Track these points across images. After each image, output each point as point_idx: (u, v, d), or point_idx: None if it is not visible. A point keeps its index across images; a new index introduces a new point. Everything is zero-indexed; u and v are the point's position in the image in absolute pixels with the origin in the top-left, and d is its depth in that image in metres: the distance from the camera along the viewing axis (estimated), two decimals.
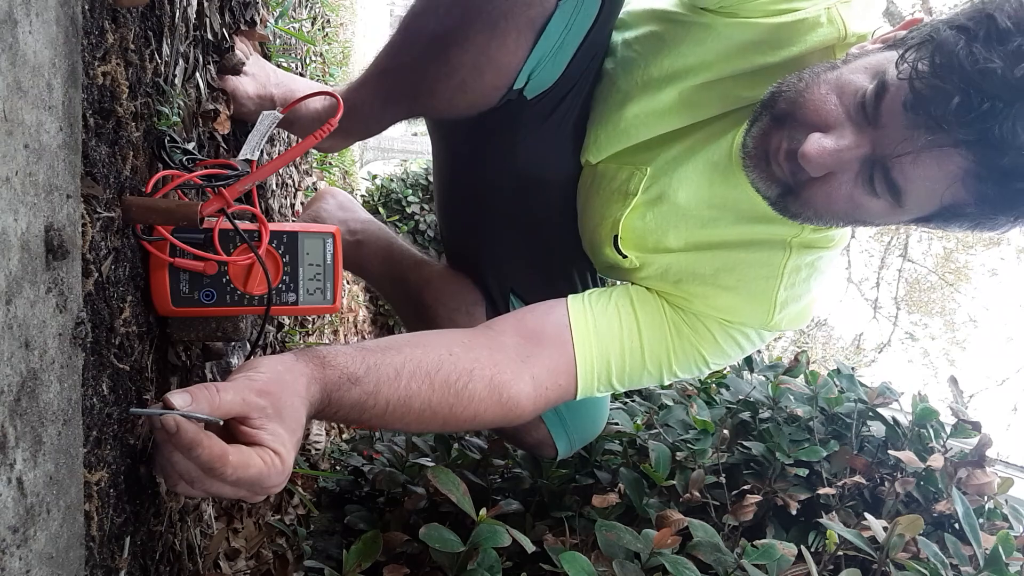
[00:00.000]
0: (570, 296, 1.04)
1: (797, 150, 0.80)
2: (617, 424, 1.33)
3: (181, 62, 0.88)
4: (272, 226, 0.81)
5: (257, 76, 1.12)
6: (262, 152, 0.85)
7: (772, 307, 1.01)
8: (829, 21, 0.88)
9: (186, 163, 0.80)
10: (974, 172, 0.73)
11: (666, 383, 1.09)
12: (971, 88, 0.70)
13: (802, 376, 1.46)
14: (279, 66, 1.33)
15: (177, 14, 0.85)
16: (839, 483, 1.11)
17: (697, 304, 1.03)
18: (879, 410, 1.27)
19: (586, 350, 0.99)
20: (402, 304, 1.34)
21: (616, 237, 1.05)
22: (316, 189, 1.82)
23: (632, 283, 1.11)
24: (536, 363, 0.95)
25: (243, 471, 0.62)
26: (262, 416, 0.66)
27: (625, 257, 1.05)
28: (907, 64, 0.74)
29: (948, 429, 1.23)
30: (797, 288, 1.02)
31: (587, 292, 1.07)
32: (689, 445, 1.20)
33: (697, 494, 1.08)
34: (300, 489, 1.26)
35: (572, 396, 1.00)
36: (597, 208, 1.10)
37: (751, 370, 1.62)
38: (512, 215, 1.16)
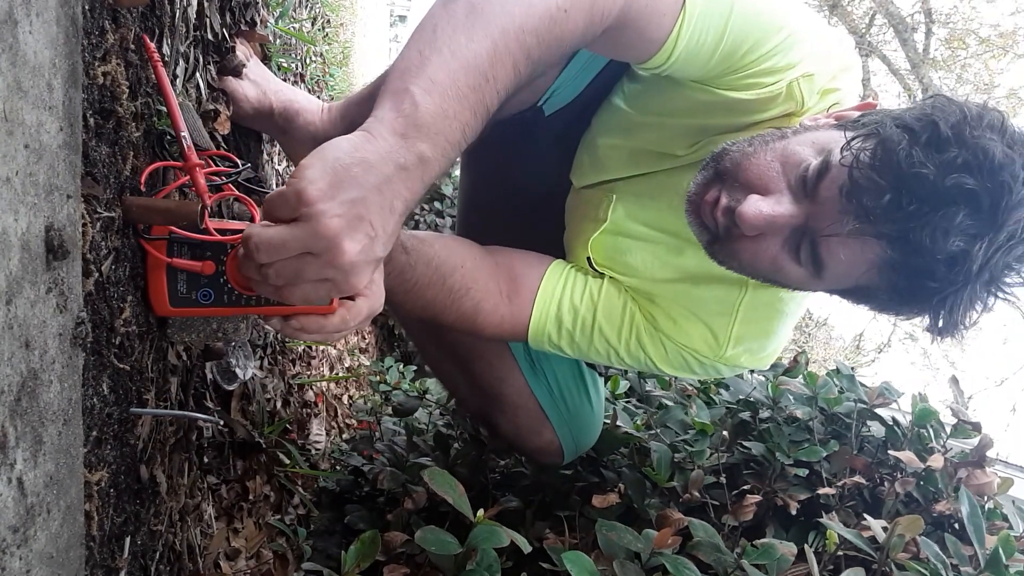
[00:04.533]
0: (556, 261, 1.13)
1: (735, 208, 0.84)
2: (620, 426, 1.33)
3: (181, 62, 0.88)
4: None
5: (258, 82, 1.13)
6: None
7: (726, 341, 1.06)
8: (789, 95, 0.92)
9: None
10: (891, 263, 0.78)
11: (615, 366, 1.18)
12: (903, 188, 0.73)
13: (801, 376, 1.46)
14: (279, 66, 1.34)
15: (177, 14, 0.85)
16: (839, 483, 1.11)
17: (660, 323, 1.09)
18: (879, 410, 1.27)
19: (542, 309, 1.08)
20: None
21: (589, 258, 1.12)
22: None
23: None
24: (510, 304, 1.08)
25: None
26: None
27: (601, 275, 1.12)
28: (850, 152, 0.78)
29: (948, 429, 1.23)
30: (755, 325, 1.07)
31: (571, 266, 1.13)
32: (688, 446, 1.21)
33: (697, 494, 1.08)
34: (300, 489, 1.26)
35: (524, 340, 1.11)
36: (573, 228, 1.18)
37: (751, 370, 1.62)
38: (526, 224, 1.22)
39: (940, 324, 0.81)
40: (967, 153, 0.73)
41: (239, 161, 0.87)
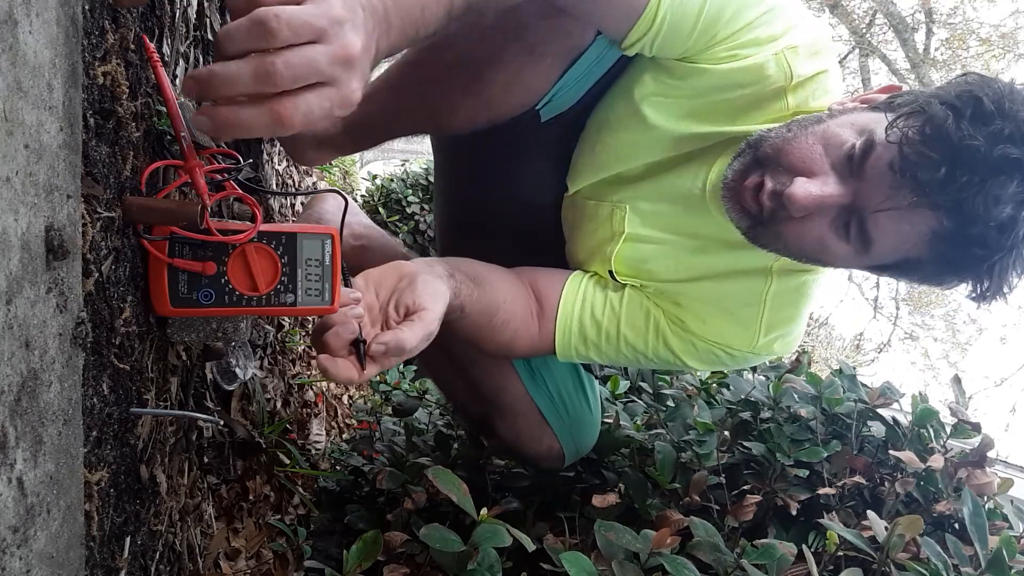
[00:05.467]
0: (573, 275, 1.15)
1: (781, 191, 0.86)
2: (623, 426, 1.33)
3: (181, 62, 0.88)
4: (271, 226, 0.81)
5: None
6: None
7: (757, 332, 1.08)
8: (778, 66, 0.94)
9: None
10: (942, 234, 0.81)
11: (646, 367, 1.20)
12: (956, 160, 0.77)
13: (804, 376, 1.45)
14: None
15: (177, 14, 0.85)
16: (839, 483, 1.11)
17: (688, 324, 1.09)
18: (879, 410, 1.27)
19: (564, 326, 1.11)
20: None
21: (611, 272, 1.12)
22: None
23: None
24: (538, 323, 1.12)
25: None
26: None
27: (624, 286, 1.12)
28: (897, 129, 0.81)
29: (948, 429, 1.23)
30: (784, 312, 1.08)
31: (589, 275, 1.14)
32: (695, 449, 1.20)
33: (698, 497, 1.08)
34: (300, 489, 1.26)
35: (552, 354, 1.14)
36: (582, 241, 1.18)
37: (752, 370, 1.62)
38: (516, 236, 1.22)
39: (985, 290, 0.84)
40: (1011, 125, 0.77)
41: (240, 158, 0.87)
